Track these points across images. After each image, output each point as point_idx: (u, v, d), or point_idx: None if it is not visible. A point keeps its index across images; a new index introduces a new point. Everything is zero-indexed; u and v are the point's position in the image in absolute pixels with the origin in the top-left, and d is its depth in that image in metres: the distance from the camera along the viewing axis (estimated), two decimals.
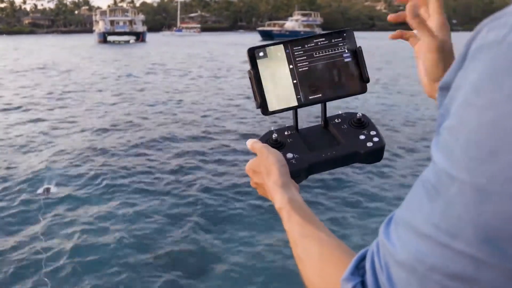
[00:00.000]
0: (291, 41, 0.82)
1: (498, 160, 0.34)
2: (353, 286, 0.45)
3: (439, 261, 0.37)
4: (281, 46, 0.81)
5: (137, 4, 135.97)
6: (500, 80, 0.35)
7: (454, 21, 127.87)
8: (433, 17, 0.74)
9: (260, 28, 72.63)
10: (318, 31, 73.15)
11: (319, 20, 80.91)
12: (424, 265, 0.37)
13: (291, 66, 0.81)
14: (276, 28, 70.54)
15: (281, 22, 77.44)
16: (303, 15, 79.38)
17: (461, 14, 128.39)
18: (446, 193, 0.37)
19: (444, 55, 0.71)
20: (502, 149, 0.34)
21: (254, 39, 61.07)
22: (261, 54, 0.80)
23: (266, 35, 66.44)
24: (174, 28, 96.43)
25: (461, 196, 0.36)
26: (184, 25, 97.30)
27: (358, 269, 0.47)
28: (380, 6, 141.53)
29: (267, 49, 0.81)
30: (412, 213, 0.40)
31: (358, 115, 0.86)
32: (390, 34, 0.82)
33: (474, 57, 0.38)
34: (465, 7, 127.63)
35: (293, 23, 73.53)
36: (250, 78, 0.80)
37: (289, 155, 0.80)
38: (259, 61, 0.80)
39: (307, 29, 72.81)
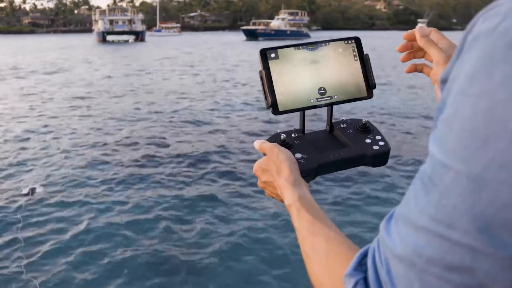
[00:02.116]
0: (301, 44, 0.84)
1: (492, 147, 0.34)
2: (356, 282, 0.46)
3: (436, 253, 0.37)
4: (292, 49, 0.83)
5: (137, 4, 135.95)
6: (492, 68, 0.35)
7: (454, 20, 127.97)
8: (440, 42, 0.79)
9: (244, 27, 68.60)
10: (305, 30, 70.82)
11: (306, 19, 78.41)
12: (422, 258, 0.37)
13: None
14: (260, 27, 67.25)
15: (266, 21, 73.75)
16: (290, 13, 76.45)
17: (461, 13, 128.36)
18: (441, 183, 0.37)
19: None
20: (495, 136, 0.34)
21: (238, 38, 60.23)
22: (272, 55, 0.82)
23: (250, 34, 63.77)
24: (154, 28, 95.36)
25: (456, 185, 0.36)
26: (163, 25, 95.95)
27: (361, 265, 0.47)
28: (380, 6, 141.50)
29: (279, 51, 0.83)
30: (409, 207, 0.40)
31: (363, 120, 0.88)
32: (405, 68, 0.88)
33: (469, 48, 0.39)
34: (465, 6, 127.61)
35: (279, 22, 70.13)
36: (261, 77, 0.82)
37: (298, 155, 0.81)
38: (270, 62, 0.82)
39: (293, 28, 70.06)
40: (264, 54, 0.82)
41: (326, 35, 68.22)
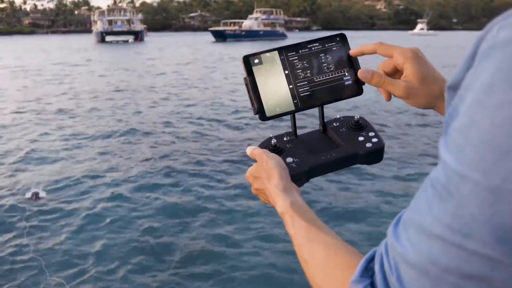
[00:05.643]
0: (285, 47, 0.83)
1: None
2: None
3: (453, 262, 0.36)
4: (276, 52, 0.82)
5: (137, 4, 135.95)
6: None
7: (455, 20, 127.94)
8: (405, 66, 0.75)
9: (211, 28, 63.91)
10: (281, 30, 66.69)
11: (282, 18, 73.13)
12: (437, 266, 0.37)
13: (286, 72, 0.82)
14: (230, 28, 62.40)
15: (238, 21, 68.20)
16: (264, 12, 71.49)
17: (461, 13, 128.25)
18: (458, 193, 0.36)
19: (415, 94, 0.74)
20: None
21: (206, 39, 58.79)
22: (256, 61, 0.81)
23: (218, 35, 59.53)
24: None
25: (474, 196, 0.35)
26: None
27: (367, 270, 0.47)
28: (380, 5, 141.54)
29: (262, 56, 0.82)
30: (421, 213, 0.40)
31: (355, 117, 0.87)
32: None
33: (485, 57, 0.38)
34: (465, 6, 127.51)
35: (251, 21, 64.88)
36: (246, 85, 0.81)
37: (289, 159, 0.80)
38: (254, 68, 0.81)
39: (268, 28, 65.29)
40: (247, 61, 0.81)
41: (326, 35, 67.70)
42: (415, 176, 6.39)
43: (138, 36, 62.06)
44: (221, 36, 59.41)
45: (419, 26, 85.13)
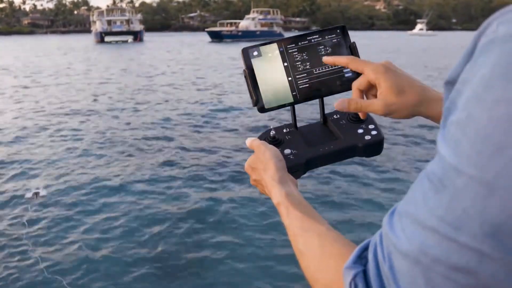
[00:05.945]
0: (284, 39, 0.83)
1: (507, 155, 0.34)
2: (355, 275, 0.46)
3: (443, 253, 0.37)
4: (275, 44, 0.82)
5: (136, 4, 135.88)
6: (511, 76, 0.35)
7: (454, 20, 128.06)
8: (378, 82, 0.75)
9: (208, 29, 64.26)
10: (279, 30, 65.86)
11: (279, 18, 72.61)
12: (428, 256, 0.38)
13: (285, 64, 0.82)
14: (226, 28, 62.51)
15: (235, 21, 68.42)
16: (261, 12, 71.31)
17: (461, 13, 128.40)
18: (452, 187, 0.37)
19: (396, 109, 0.74)
20: (510, 144, 0.34)
21: (203, 39, 58.73)
22: (255, 53, 0.82)
23: (215, 36, 59.53)
24: None
25: (468, 190, 0.36)
26: None
27: (361, 259, 0.48)
28: (380, 6, 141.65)
29: (261, 48, 0.82)
30: (416, 205, 0.40)
31: None
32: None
33: (484, 51, 0.38)
34: (465, 6, 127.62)
35: (248, 22, 64.98)
36: (245, 77, 0.81)
37: (287, 151, 0.81)
38: (253, 60, 0.81)
39: (265, 28, 65.21)
40: (246, 53, 0.82)
41: None
42: (413, 170, 6.41)
43: (137, 36, 61.99)
44: (217, 37, 59.31)
45: (418, 26, 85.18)
